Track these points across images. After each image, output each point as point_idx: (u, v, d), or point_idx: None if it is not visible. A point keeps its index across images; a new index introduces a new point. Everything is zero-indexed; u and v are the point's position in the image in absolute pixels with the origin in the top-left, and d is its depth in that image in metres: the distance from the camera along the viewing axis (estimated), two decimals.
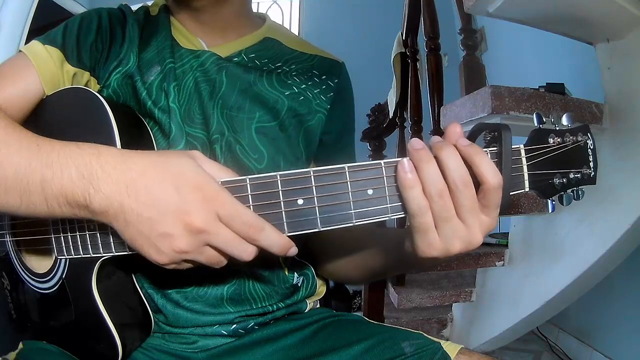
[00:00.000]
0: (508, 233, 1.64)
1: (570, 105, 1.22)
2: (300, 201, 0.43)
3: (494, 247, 1.63)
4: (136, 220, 0.41)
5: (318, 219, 0.43)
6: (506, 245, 1.61)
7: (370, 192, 0.43)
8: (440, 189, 0.41)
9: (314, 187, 0.42)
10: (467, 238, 0.43)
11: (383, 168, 0.43)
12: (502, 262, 1.58)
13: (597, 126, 1.24)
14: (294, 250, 0.43)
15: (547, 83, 1.33)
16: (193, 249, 0.41)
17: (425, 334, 0.60)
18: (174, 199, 0.40)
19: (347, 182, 0.42)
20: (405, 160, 0.41)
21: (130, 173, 0.41)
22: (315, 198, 0.42)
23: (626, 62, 1.22)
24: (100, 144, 0.44)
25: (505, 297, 1.57)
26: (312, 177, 0.42)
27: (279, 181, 0.42)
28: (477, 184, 0.41)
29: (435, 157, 0.41)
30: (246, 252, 0.42)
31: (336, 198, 0.43)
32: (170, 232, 0.40)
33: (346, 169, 0.42)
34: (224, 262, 0.44)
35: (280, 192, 0.43)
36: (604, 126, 1.25)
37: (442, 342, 0.58)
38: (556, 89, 1.30)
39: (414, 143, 0.42)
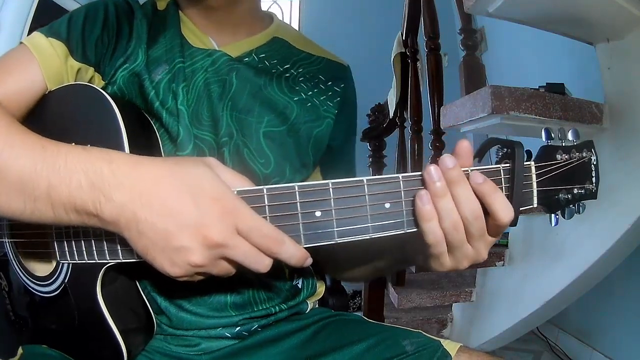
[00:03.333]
0: (508, 233, 1.64)
1: (570, 105, 1.22)
2: (318, 213, 0.42)
3: (494, 247, 1.63)
4: (150, 231, 0.39)
5: (335, 231, 0.42)
6: (506, 245, 1.61)
7: (387, 205, 0.43)
8: (455, 222, 0.43)
9: (332, 200, 0.42)
10: (474, 258, 0.46)
11: (401, 182, 0.43)
12: (502, 262, 1.58)
13: (597, 126, 1.24)
14: (309, 261, 0.43)
15: (547, 83, 1.33)
16: (209, 262, 0.40)
17: (424, 333, 0.60)
18: (192, 212, 0.39)
19: (365, 195, 0.42)
20: (424, 192, 0.42)
21: (145, 182, 0.39)
22: (333, 210, 0.42)
23: (626, 62, 1.21)
24: (107, 144, 0.43)
25: (505, 297, 1.57)
26: (331, 189, 0.42)
27: (297, 192, 0.42)
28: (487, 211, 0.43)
29: (450, 189, 0.42)
30: (263, 265, 0.41)
31: (354, 211, 0.42)
32: (187, 246, 0.39)
33: (365, 181, 0.42)
34: (233, 272, 0.43)
35: (298, 203, 0.42)
36: (604, 126, 1.25)
37: (442, 340, 0.58)
38: (556, 89, 1.29)
39: (433, 174, 0.42)
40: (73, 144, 0.43)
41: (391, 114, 2.02)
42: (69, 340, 0.57)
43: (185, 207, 0.39)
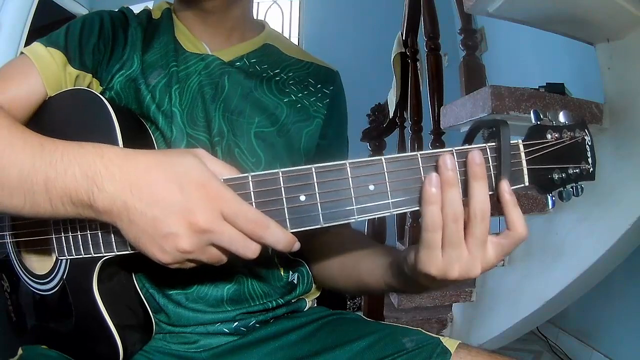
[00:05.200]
0: None
1: (570, 105, 1.22)
2: (302, 197, 0.42)
3: None
4: (140, 219, 0.41)
5: (320, 215, 0.43)
6: None
7: (371, 187, 0.43)
8: (457, 214, 0.42)
9: (315, 183, 0.42)
10: (467, 267, 0.44)
11: (384, 163, 0.43)
12: (502, 262, 1.58)
13: (597, 126, 1.24)
14: (297, 246, 0.43)
15: (547, 83, 1.33)
16: (197, 248, 0.41)
17: (423, 330, 0.61)
18: (178, 199, 0.40)
19: (348, 177, 0.42)
20: (434, 175, 0.42)
21: (135, 172, 0.41)
22: (317, 194, 0.42)
23: (626, 62, 1.22)
24: (103, 143, 0.44)
25: (505, 297, 1.57)
26: (314, 173, 0.42)
27: (280, 178, 0.42)
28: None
29: (469, 182, 0.42)
30: (250, 250, 0.42)
31: (338, 194, 0.42)
32: (175, 232, 0.40)
33: (347, 164, 0.42)
34: (225, 260, 0.44)
35: (283, 188, 0.42)
36: (604, 126, 1.25)
37: (441, 337, 0.59)
38: (556, 89, 1.30)
39: (448, 162, 0.42)
40: None
41: (391, 114, 2.03)
42: (67, 339, 0.58)
43: (171, 195, 0.40)
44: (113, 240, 0.48)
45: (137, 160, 0.42)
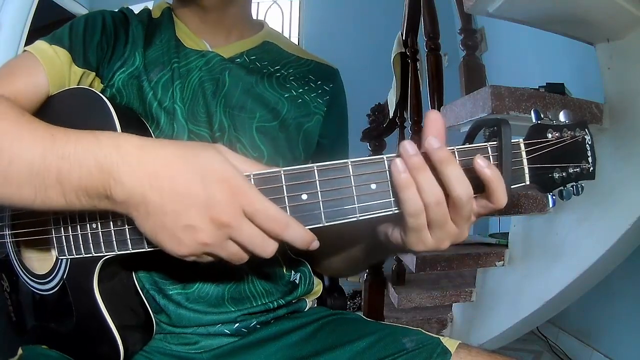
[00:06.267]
0: (508, 233, 1.64)
1: (570, 105, 1.22)
2: (304, 196, 0.42)
3: (494, 247, 1.63)
4: (159, 211, 0.40)
5: (322, 213, 0.43)
6: (506, 245, 1.61)
7: (373, 186, 0.43)
8: (438, 198, 0.41)
9: (317, 182, 0.42)
10: (457, 237, 0.44)
11: (385, 162, 0.43)
12: (502, 262, 1.58)
13: (597, 126, 1.24)
14: (315, 244, 0.43)
15: (547, 83, 1.33)
16: (216, 242, 0.41)
17: (423, 330, 0.61)
18: (201, 192, 0.40)
19: (350, 176, 0.42)
20: (398, 160, 0.41)
21: (154, 164, 0.40)
22: (319, 193, 0.42)
23: (626, 62, 1.22)
24: None
25: (505, 297, 1.58)
26: (316, 171, 0.42)
27: (282, 176, 0.42)
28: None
29: (438, 169, 0.40)
30: (268, 250, 0.42)
31: (340, 193, 0.42)
32: (195, 225, 0.40)
33: (349, 163, 0.42)
34: (246, 258, 0.43)
35: (284, 187, 0.42)
36: (604, 126, 1.25)
37: (441, 337, 0.59)
38: (556, 89, 1.30)
39: (408, 148, 0.40)
40: None
41: (391, 114, 2.03)
42: (68, 339, 0.58)
43: (194, 188, 0.40)
44: (114, 239, 0.48)
45: (156, 152, 0.41)
